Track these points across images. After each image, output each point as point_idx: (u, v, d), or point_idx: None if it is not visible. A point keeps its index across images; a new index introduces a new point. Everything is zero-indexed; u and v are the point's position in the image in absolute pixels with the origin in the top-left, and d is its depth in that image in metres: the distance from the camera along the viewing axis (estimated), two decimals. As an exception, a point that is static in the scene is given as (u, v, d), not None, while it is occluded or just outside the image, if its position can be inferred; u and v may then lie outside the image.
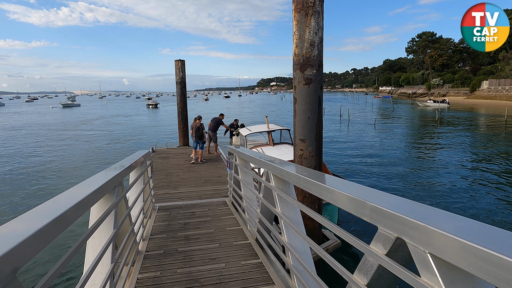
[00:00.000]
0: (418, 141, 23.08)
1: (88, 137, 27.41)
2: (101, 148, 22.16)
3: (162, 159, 12.92)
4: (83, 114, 55.96)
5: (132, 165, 4.17)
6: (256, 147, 11.68)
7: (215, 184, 9.21)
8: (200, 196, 8.03)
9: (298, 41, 5.06)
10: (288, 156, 9.84)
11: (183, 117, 16.13)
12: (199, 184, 9.18)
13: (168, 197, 7.99)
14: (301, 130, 5.16)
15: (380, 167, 15.79)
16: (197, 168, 11.31)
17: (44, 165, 17.08)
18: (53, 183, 13.83)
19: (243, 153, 4.95)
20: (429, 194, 11.68)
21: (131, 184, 4.10)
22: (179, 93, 15.80)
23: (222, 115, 14.24)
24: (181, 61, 15.53)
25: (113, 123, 40.47)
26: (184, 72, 15.68)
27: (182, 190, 8.60)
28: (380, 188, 12.32)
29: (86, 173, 15.02)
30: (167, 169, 11.08)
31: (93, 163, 17.35)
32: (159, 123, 39.43)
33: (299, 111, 5.16)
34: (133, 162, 4.22)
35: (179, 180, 9.69)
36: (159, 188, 8.82)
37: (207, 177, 10.05)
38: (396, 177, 13.92)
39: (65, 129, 33.80)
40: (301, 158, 5.23)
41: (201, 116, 12.93)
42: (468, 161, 16.59)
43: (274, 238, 3.87)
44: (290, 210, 3.22)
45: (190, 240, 4.67)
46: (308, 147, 5.13)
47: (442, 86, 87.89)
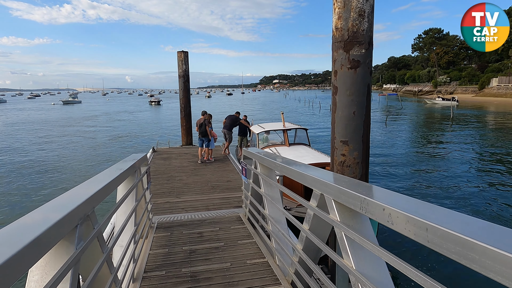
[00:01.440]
0: (433, 140, 21.72)
1: (86, 134, 26.21)
2: (96, 146, 20.94)
3: (164, 160, 11.67)
4: (83, 111, 54.82)
5: (118, 177, 2.92)
6: (269, 147, 10.41)
7: (224, 190, 7.95)
8: (207, 207, 6.78)
9: (342, 10, 3.78)
10: (307, 159, 8.58)
11: (186, 113, 14.87)
12: (205, 191, 7.93)
13: (170, 208, 6.75)
14: (343, 129, 3.89)
15: (397, 167, 14.49)
16: (202, 170, 10.06)
17: (29, 163, 15.89)
18: (35, 183, 12.62)
19: (269, 159, 3.68)
20: (461, 199, 10.39)
21: (115, 208, 2.84)
22: (182, 88, 14.53)
23: (238, 113, 13.01)
24: (184, 52, 14.24)
25: (113, 120, 39.27)
26: (187, 64, 14.40)
27: (186, 199, 7.35)
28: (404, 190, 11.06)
29: (72, 176, 13.81)
30: (168, 172, 9.84)
31: (86, 163, 16.14)
32: (161, 121, 38.20)
33: (341, 104, 3.89)
34: (120, 174, 2.98)
35: (183, 185, 8.44)
36: (159, 196, 7.57)
37: (215, 181, 8.79)
38: (413, 178, 12.63)
39: (63, 126, 32.62)
40: (342, 166, 3.97)
41: (206, 111, 11.70)
42: (492, 162, 15.27)
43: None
44: (367, 263, 1.96)
45: (199, 282, 3.40)
46: (353, 151, 3.87)
47: (449, 83, 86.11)
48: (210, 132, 11.25)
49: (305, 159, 8.54)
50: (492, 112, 39.89)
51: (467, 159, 15.77)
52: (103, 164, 15.67)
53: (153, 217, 6.08)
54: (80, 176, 13.45)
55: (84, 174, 13.79)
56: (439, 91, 79.62)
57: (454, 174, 13.24)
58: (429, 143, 20.76)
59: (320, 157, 8.82)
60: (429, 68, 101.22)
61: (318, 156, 8.88)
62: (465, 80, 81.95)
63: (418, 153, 17.76)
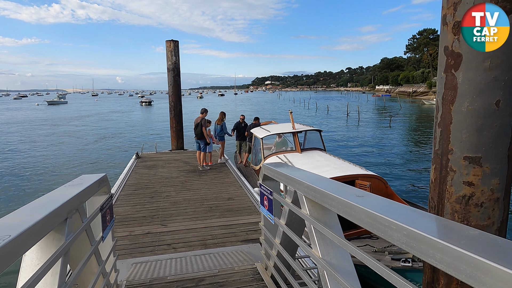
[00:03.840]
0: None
1: (65, 136, 23.90)
2: (68, 151, 18.74)
3: (149, 168, 9.66)
4: (67, 112, 52.15)
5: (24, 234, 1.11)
6: (277, 154, 8.50)
7: (225, 213, 6.01)
8: (204, 241, 4.85)
9: None
10: (329, 169, 6.69)
11: (177, 113, 12.86)
12: (200, 214, 5.98)
13: (151, 244, 4.78)
14: (472, 135, 1.98)
15: (412, 173, 12.73)
16: (196, 183, 8.09)
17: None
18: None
19: (329, 193, 1.80)
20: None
21: None
22: (172, 83, 12.51)
23: (243, 117, 11.17)
24: (173, 41, 12.24)
25: (97, 121, 36.89)
26: (178, 56, 12.40)
27: (175, 227, 5.38)
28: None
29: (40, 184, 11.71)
30: (153, 186, 7.84)
31: (57, 169, 14.01)
32: (151, 121, 35.97)
33: (466, 86, 2.00)
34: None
35: (170, 205, 6.47)
36: (138, 223, 5.59)
37: (212, 199, 6.84)
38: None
39: (38, 126, 30.16)
40: (465, 204, 2.05)
41: (206, 109, 9.79)
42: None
43: None
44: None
45: None
46: (489, 177, 2.00)
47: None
48: (208, 134, 9.49)
49: (326, 171, 6.64)
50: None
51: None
52: (70, 171, 13.57)
53: (124, 262, 4.13)
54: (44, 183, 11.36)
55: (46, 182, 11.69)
56: (434, 92, 78.70)
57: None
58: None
59: (345, 167, 6.93)
60: (423, 69, 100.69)
61: (342, 166, 6.99)
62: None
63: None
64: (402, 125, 29.95)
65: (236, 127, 10.91)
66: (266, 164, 3.24)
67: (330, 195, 1.84)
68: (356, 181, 6.26)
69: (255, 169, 9.47)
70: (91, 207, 2.85)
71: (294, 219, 2.68)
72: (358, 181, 6.24)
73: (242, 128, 10.84)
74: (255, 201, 6.60)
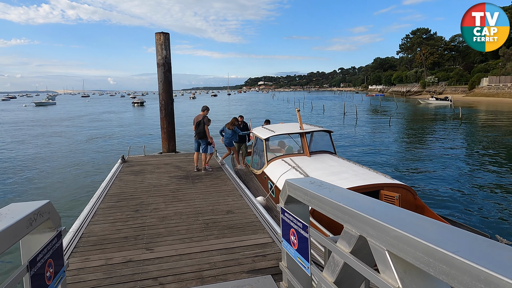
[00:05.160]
0: (453, 143, 19.22)
1: (49, 137, 22.55)
2: (43, 154, 17.47)
3: (135, 174, 8.55)
4: (54, 113, 50.47)
5: None
6: (282, 157, 7.47)
7: (224, 231, 4.96)
8: (200, 274, 3.80)
9: None
10: (349, 178, 5.71)
11: (168, 113, 11.74)
12: (194, 233, 4.92)
13: (132, 278, 3.71)
14: None
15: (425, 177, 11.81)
16: (188, 192, 7.01)
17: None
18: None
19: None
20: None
21: None
22: (162, 79, 11.39)
23: (241, 117, 10.16)
24: (164, 34, 11.13)
25: (83, 123, 35.47)
26: (169, 50, 11.29)
27: (163, 253, 4.31)
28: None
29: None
30: (139, 196, 6.75)
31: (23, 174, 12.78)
32: (142, 122, 34.68)
33: None
34: None
35: (158, 221, 5.39)
36: (118, 245, 4.51)
37: (208, 212, 5.78)
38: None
39: (24, 127, 28.67)
40: None
41: (207, 107, 8.83)
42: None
43: None
44: None
45: None
46: None
47: (437, 84, 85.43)
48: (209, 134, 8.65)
49: (344, 178, 5.64)
50: (492, 112, 38.17)
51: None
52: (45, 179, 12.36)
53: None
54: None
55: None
56: (428, 91, 78.54)
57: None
58: (455, 143, 18.26)
59: (365, 174, 5.92)
60: (416, 69, 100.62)
61: (362, 173, 5.98)
62: (453, 80, 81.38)
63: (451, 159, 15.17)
64: (401, 124, 29.17)
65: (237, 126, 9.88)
66: (291, 180, 2.21)
67: (465, 265, 0.84)
68: (381, 192, 5.27)
69: (256, 174, 8.43)
70: (26, 251, 1.82)
71: (350, 275, 1.65)
72: (383, 192, 5.25)
73: (241, 130, 9.81)
74: (260, 214, 5.57)
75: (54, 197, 9.88)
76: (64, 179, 12.21)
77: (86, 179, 12.01)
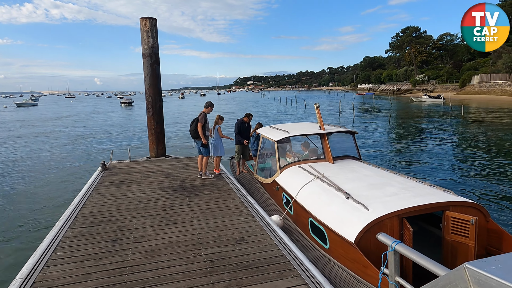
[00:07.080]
0: (462, 142, 18.12)
1: (21, 140, 20.62)
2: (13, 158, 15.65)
3: (116, 186, 7.00)
4: (35, 114, 48.00)
5: None
6: (299, 164, 6.05)
7: (238, 274, 3.50)
8: None
9: None
10: (400, 194, 4.35)
11: (156, 111, 10.20)
12: (196, 278, 3.46)
13: None
14: None
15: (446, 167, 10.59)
16: (184, 209, 5.53)
17: None
18: None
19: None
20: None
21: None
22: (149, 73, 9.84)
23: (247, 117, 8.64)
24: (150, 19, 9.57)
25: (62, 125, 33.41)
26: (156, 38, 9.75)
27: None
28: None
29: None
30: (120, 217, 5.22)
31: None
32: (130, 123, 32.79)
33: None
34: None
35: (144, 258, 3.89)
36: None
37: (211, 240, 4.32)
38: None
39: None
40: None
41: (212, 103, 7.70)
42: None
43: None
44: None
45: None
46: None
47: (427, 82, 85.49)
48: (222, 135, 7.71)
49: (394, 194, 4.26)
50: (487, 109, 37.58)
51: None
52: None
53: None
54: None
55: None
56: (419, 90, 78.36)
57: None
58: (467, 148, 17.16)
59: (418, 188, 4.52)
60: (406, 67, 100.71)
61: (412, 186, 4.59)
62: (443, 78, 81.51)
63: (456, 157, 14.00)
64: (401, 123, 28.10)
65: (239, 128, 8.31)
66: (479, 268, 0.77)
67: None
68: (447, 214, 3.88)
69: (263, 183, 6.99)
70: None
71: None
72: (450, 214, 3.86)
73: (246, 130, 8.35)
74: (283, 245, 4.13)
75: (7, 223, 7.61)
76: (26, 196, 9.68)
77: (55, 194, 9.69)
